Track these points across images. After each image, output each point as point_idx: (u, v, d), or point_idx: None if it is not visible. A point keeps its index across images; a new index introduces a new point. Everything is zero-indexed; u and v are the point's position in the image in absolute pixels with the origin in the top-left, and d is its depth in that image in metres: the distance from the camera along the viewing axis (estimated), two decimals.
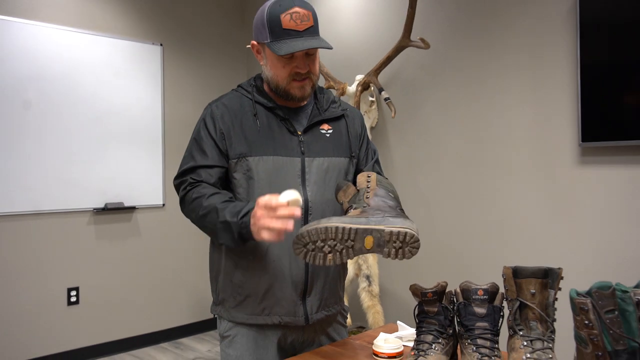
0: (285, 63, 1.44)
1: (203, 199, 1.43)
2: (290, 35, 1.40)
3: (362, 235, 1.21)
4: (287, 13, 1.40)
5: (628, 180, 2.48)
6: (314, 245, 1.22)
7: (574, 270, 2.65)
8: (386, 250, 1.21)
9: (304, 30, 1.40)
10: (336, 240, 1.21)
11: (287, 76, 1.46)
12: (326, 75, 3.50)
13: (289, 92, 1.49)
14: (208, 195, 1.43)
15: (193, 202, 1.46)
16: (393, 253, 1.21)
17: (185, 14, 4.37)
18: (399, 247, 1.21)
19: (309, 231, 1.22)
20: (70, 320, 3.71)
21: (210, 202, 1.42)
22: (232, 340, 1.53)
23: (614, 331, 0.99)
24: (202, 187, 1.47)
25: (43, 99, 3.58)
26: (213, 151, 1.49)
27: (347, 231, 1.21)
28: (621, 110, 2.44)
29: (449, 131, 3.20)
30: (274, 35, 1.41)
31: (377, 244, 1.22)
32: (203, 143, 1.50)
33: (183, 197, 1.51)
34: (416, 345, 1.26)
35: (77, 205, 3.73)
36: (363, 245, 1.22)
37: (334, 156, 1.55)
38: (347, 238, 1.21)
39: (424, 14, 3.28)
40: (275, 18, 1.40)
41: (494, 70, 2.97)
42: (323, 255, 1.22)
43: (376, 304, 3.02)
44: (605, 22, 2.46)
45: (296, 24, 1.40)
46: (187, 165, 1.51)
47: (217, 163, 1.49)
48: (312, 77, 1.49)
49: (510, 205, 2.91)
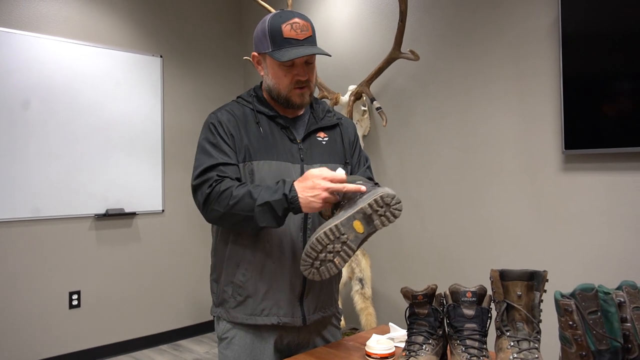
0: (286, 71, 1.48)
1: (233, 189, 1.41)
2: (291, 44, 1.44)
3: (348, 224, 1.25)
4: (288, 23, 1.45)
5: (609, 186, 2.50)
6: (318, 262, 1.26)
7: (559, 272, 2.67)
8: (376, 222, 1.25)
9: (304, 39, 1.45)
10: (331, 243, 1.25)
11: (288, 84, 1.49)
12: (320, 86, 3.52)
13: (290, 99, 1.52)
14: (237, 186, 1.42)
15: (222, 194, 1.41)
16: (383, 221, 1.25)
17: (185, 27, 4.42)
18: (384, 212, 1.25)
19: (306, 253, 1.27)
20: (71, 323, 3.73)
21: (241, 190, 1.40)
22: (229, 342, 1.55)
23: (597, 331, 1.00)
24: (229, 180, 1.45)
25: (46, 109, 3.61)
26: (229, 150, 1.49)
27: (334, 229, 1.25)
28: (602, 119, 2.46)
29: (438, 139, 3.21)
30: (275, 45, 1.45)
31: (366, 222, 1.25)
32: (218, 143, 1.49)
33: (209, 193, 1.44)
34: (407, 346, 1.28)
35: (79, 211, 3.76)
36: (356, 232, 1.25)
37: (330, 162, 1.58)
38: (338, 235, 1.25)
39: (413, 27, 3.32)
40: (277, 28, 1.44)
41: (480, 81, 2.99)
42: (331, 264, 1.26)
43: (369, 306, 3.03)
44: (587, 34, 2.49)
45: (297, 33, 1.44)
46: (207, 164, 1.47)
47: (234, 161, 1.49)
48: (310, 85, 1.53)
49: (497, 211, 2.92)
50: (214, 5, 4.64)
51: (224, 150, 1.49)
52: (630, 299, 1.05)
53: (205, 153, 1.50)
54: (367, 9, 3.65)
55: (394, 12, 3.43)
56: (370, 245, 3.60)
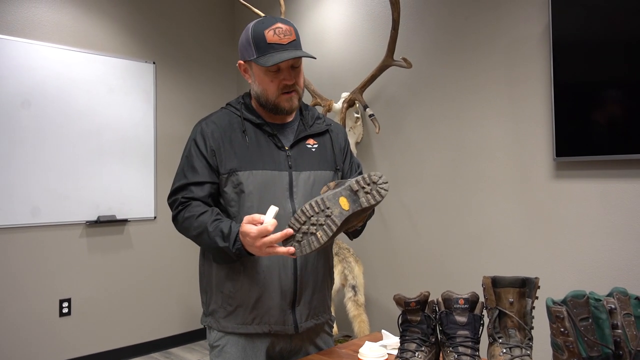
0: (272, 77, 1.48)
1: (193, 220, 1.47)
2: (275, 49, 1.44)
3: (334, 199, 1.27)
4: (271, 29, 1.44)
5: (600, 193, 2.52)
6: (301, 234, 1.26)
7: (550, 279, 2.68)
8: (362, 200, 1.26)
9: (287, 44, 1.45)
10: (315, 215, 1.26)
11: (276, 89, 1.49)
12: (313, 93, 3.53)
13: (279, 105, 1.51)
14: (197, 215, 1.47)
15: (185, 222, 1.50)
16: (369, 198, 1.26)
17: (178, 33, 4.42)
18: (370, 189, 1.27)
19: (290, 224, 1.28)
20: (62, 331, 3.70)
21: (200, 222, 1.46)
22: (221, 349, 1.54)
23: (588, 338, 1.00)
24: (192, 205, 1.50)
25: (38, 115, 3.60)
26: (204, 168, 1.51)
27: (320, 202, 1.27)
28: (593, 127, 2.47)
29: (430, 146, 3.23)
30: (259, 51, 1.45)
31: (352, 200, 1.27)
32: (194, 160, 1.52)
33: (175, 216, 1.54)
34: (400, 354, 1.28)
35: (70, 218, 3.74)
36: (341, 208, 1.27)
37: (320, 169, 1.57)
38: (323, 208, 1.26)
39: (406, 35, 3.34)
40: (260, 34, 1.45)
41: (472, 88, 3.01)
42: (313, 237, 1.26)
43: (362, 313, 3.03)
44: (577, 42, 2.51)
45: (280, 37, 1.44)
46: (178, 183, 1.54)
47: (208, 179, 1.51)
48: (298, 89, 1.52)
49: (489, 218, 2.94)
50: (207, 12, 4.65)
51: (197, 169, 1.52)
52: (621, 305, 1.06)
53: (180, 170, 1.56)
54: (360, 16, 3.67)
55: (387, 20, 3.45)
56: (363, 252, 3.60)
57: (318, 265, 1.58)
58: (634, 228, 2.43)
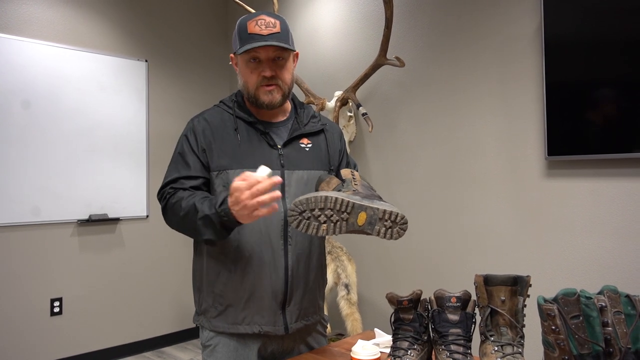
0: (252, 68, 1.48)
1: (182, 201, 1.44)
2: (255, 39, 1.43)
3: (357, 210, 1.24)
4: (254, 20, 1.45)
5: (591, 191, 2.54)
6: (310, 214, 1.23)
7: (542, 277, 2.69)
8: (377, 228, 1.24)
9: (267, 35, 1.43)
10: (333, 210, 1.23)
11: (255, 81, 1.48)
12: (306, 91, 3.53)
13: (258, 97, 1.50)
14: (186, 197, 1.44)
15: (174, 207, 1.46)
16: (383, 231, 1.24)
17: (170, 31, 4.41)
18: (390, 226, 1.24)
19: (307, 199, 1.23)
20: (53, 330, 3.68)
21: (189, 202, 1.42)
22: (213, 349, 1.53)
23: (579, 336, 1.01)
24: (181, 192, 1.47)
25: (28, 113, 3.57)
26: (196, 163, 1.50)
27: (345, 203, 1.23)
28: (584, 126, 2.48)
29: (423, 144, 3.23)
30: (241, 42, 1.45)
31: (369, 221, 1.24)
32: (185, 156, 1.51)
33: (164, 206, 1.51)
34: (392, 352, 1.28)
35: (62, 217, 3.72)
36: (356, 220, 1.24)
37: (314, 169, 1.55)
38: (343, 210, 1.23)
39: (399, 34, 3.35)
40: (243, 26, 1.46)
41: (464, 88, 3.02)
42: (318, 224, 1.24)
43: (354, 311, 3.03)
44: (569, 42, 2.52)
45: (260, 28, 1.44)
46: (170, 177, 1.52)
47: (200, 174, 1.50)
48: (280, 84, 1.50)
49: (481, 216, 2.95)
50: (200, 10, 4.64)
51: (188, 163, 1.51)
52: (612, 303, 1.07)
53: (172, 166, 1.54)
54: (354, 15, 3.67)
55: (380, 18, 3.45)
56: (355, 250, 3.60)
57: (310, 266, 1.57)
58: (625, 227, 2.45)
